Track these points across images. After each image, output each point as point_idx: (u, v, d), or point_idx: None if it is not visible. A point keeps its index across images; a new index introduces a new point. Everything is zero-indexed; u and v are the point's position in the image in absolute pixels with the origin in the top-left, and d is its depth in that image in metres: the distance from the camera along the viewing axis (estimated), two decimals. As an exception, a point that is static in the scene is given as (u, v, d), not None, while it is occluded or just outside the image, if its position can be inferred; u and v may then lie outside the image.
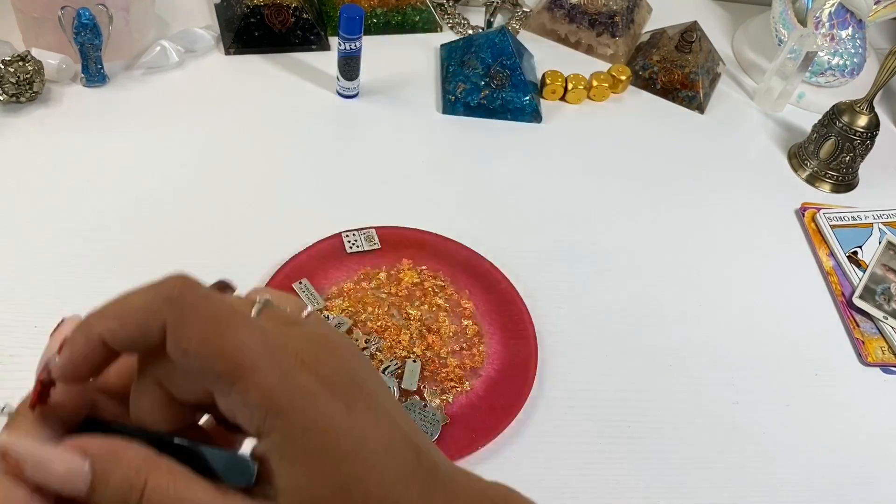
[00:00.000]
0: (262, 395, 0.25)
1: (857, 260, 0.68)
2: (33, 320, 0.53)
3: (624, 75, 0.80)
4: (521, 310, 0.58)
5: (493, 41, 0.74)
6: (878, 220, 0.72)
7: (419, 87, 0.77)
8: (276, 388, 0.25)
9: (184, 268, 0.62)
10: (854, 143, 0.73)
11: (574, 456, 0.52)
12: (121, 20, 0.70)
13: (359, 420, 0.26)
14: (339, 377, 0.26)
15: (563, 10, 0.84)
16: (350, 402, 0.26)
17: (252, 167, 0.66)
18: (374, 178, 0.68)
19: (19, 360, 0.51)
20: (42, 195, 0.61)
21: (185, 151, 0.67)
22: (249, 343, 0.26)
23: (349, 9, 0.67)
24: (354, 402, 0.26)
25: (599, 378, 0.56)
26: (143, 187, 0.63)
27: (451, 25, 0.85)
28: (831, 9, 0.82)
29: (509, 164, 0.71)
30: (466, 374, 0.54)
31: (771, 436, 0.55)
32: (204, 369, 0.25)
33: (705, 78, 0.82)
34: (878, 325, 0.64)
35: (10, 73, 0.64)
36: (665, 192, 0.72)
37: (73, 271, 0.56)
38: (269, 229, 0.61)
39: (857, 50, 0.83)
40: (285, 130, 0.70)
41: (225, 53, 0.76)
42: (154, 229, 0.60)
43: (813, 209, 0.72)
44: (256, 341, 0.26)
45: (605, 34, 0.84)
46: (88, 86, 0.70)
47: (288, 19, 0.76)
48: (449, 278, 0.60)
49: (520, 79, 0.74)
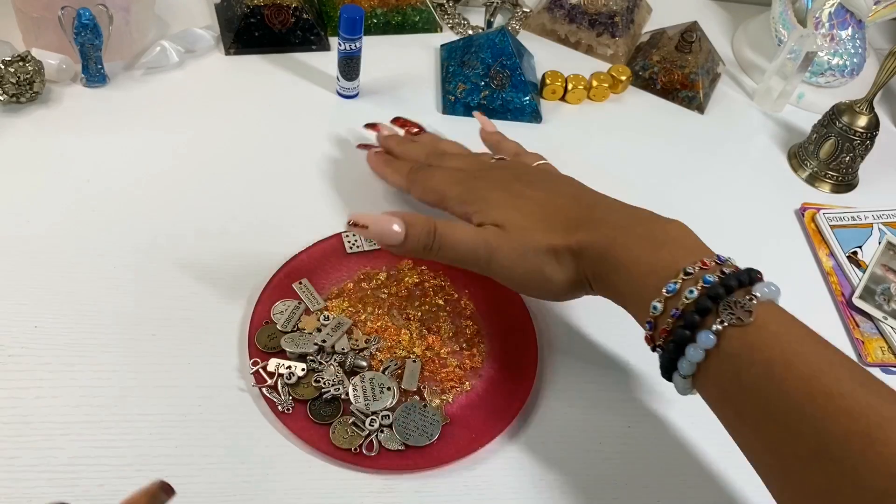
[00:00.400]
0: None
1: (857, 260, 0.68)
2: (33, 320, 0.53)
3: (624, 75, 0.80)
4: (521, 310, 0.58)
5: (493, 41, 0.74)
6: (878, 221, 0.72)
7: (419, 87, 0.77)
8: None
9: (183, 266, 0.63)
10: (854, 144, 0.73)
11: (574, 456, 0.52)
12: (121, 20, 0.70)
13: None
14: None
15: (563, 10, 0.84)
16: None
17: (252, 167, 0.66)
18: (374, 178, 0.68)
19: (19, 360, 0.51)
20: (42, 195, 0.61)
21: (185, 151, 0.67)
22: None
23: (349, 9, 0.67)
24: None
25: (600, 378, 0.56)
26: (144, 187, 0.63)
27: (451, 25, 0.85)
28: (831, 9, 0.82)
29: (509, 165, 0.71)
30: (466, 374, 0.54)
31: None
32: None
33: (705, 78, 0.82)
34: (877, 325, 0.64)
35: (11, 73, 0.64)
36: (665, 191, 0.72)
37: (72, 271, 0.56)
38: (269, 229, 0.62)
39: (856, 50, 0.83)
40: (285, 130, 0.70)
41: (225, 53, 0.76)
42: (154, 228, 0.60)
43: (813, 209, 0.72)
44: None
45: (605, 34, 0.84)
46: (89, 86, 0.70)
47: (288, 19, 0.76)
48: (449, 278, 0.60)
49: (520, 79, 0.74)
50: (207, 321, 0.55)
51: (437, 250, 0.51)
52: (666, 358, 0.44)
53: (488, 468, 0.51)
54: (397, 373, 0.53)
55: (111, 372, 0.51)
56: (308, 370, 0.52)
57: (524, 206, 0.52)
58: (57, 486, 0.45)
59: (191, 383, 0.51)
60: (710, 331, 0.42)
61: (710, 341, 0.42)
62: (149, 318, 0.54)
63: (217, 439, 0.49)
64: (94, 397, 0.50)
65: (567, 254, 0.50)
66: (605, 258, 0.48)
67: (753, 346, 0.41)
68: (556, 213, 0.52)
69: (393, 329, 0.56)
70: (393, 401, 0.52)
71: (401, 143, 0.65)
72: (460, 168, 0.59)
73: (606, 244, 0.48)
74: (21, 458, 0.46)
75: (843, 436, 0.37)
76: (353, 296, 0.57)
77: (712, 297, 0.42)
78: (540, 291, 0.52)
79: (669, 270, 0.45)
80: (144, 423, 0.49)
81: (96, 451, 0.47)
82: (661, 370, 0.46)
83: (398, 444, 0.50)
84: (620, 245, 0.47)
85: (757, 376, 0.40)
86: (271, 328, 0.54)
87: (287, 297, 0.56)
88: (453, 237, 0.51)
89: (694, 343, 0.42)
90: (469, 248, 0.51)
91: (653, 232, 0.48)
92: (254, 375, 0.52)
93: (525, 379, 0.54)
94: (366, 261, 0.60)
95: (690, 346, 0.43)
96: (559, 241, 0.50)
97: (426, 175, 0.59)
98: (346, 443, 0.49)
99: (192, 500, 0.46)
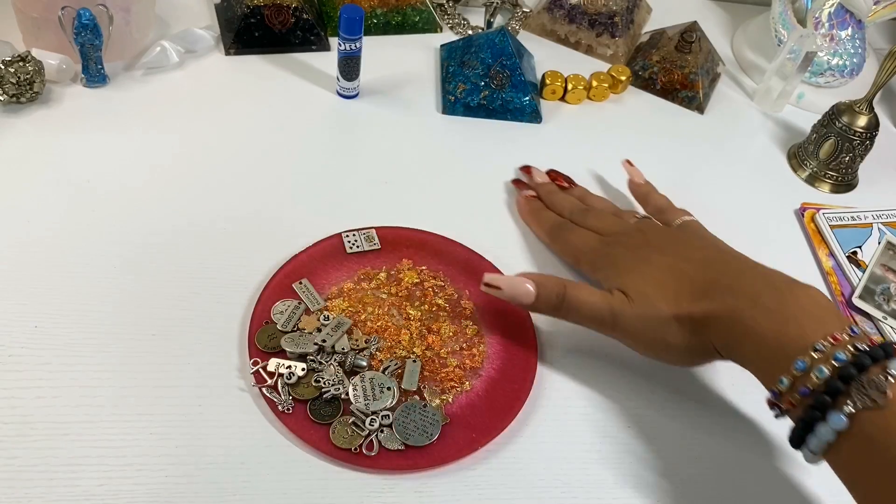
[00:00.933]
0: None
1: (857, 260, 0.68)
2: (33, 320, 0.53)
3: (624, 75, 0.80)
4: (521, 310, 0.58)
5: (493, 41, 0.74)
6: (878, 221, 0.72)
7: (419, 87, 0.77)
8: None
9: (183, 266, 0.63)
10: (854, 144, 0.73)
11: (574, 456, 0.52)
12: (121, 20, 0.70)
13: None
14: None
15: (562, 10, 0.84)
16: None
17: (252, 167, 0.66)
18: (374, 179, 0.68)
19: (19, 360, 0.51)
20: (42, 195, 0.61)
21: (185, 151, 0.67)
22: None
23: (349, 9, 0.67)
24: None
25: (600, 378, 0.56)
26: (143, 187, 0.63)
27: (451, 26, 0.85)
28: (831, 9, 0.82)
29: (509, 165, 0.71)
30: (466, 374, 0.54)
31: (771, 436, 0.55)
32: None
33: (705, 78, 0.82)
34: (877, 325, 0.64)
35: (11, 73, 0.64)
36: (664, 191, 0.72)
37: (72, 271, 0.56)
38: (269, 229, 0.62)
39: (856, 50, 0.83)
40: (285, 130, 0.70)
41: (225, 54, 0.76)
42: (154, 228, 0.60)
43: (812, 209, 0.72)
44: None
45: (605, 34, 0.84)
46: (89, 86, 0.70)
47: (288, 20, 0.76)
48: (449, 278, 0.60)
49: (520, 79, 0.74)
50: (207, 321, 0.55)
51: (565, 311, 0.53)
52: (795, 432, 0.44)
53: (488, 468, 0.51)
54: (397, 373, 0.53)
55: (111, 372, 0.51)
56: (308, 370, 0.52)
57: (651, 272, 0.53)
58: (57, 486, 0.45)
59: (191, 383, 0.51)
60: (841, 413, 0.41)
61: (841, 423, 0.41)
62: (149, 318, 0.54)
63: (217, 439, 0.49)
64: (94, 397, 0.50)
65: (691, 322, 0.49)
66: (731, 329, 0.47)
67: (889, 429, 0.40)
68: (682, 280, 0.51)
69: (393, 329, 0.56)
70: (393, 401, 0.52)
71: (550, 193, 0.66)
72: (599, 229, 0.60)
73: (733, 315, 0.47)
74: (21, 458, 0.46)
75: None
76: (353, 296, 0.57)
77: (844, 377, 0.41)
78: (667, 357, 0.53)
79: (798, 346, 0.43)
80: (144, 423, 0.49)
81: (96, 451, 0.47)
82: (790, 441, 0.45)
83: (398, 444, 0.50)
84: (748, 317, 0.46)
85: (892, 460, 0.39)
86: (271, 328, 0.54)
87: (287, 297, 0.56)
88: (579, 300, 0.53)
89: (825, 423, 0.41)
90: (595, 312, 0.52)
91: (782, 302, 0.46)
92: (254, 375, 0.52)
93: (525, 379, 0.54)
94: (366, 261, 0.60)
95: (821, 425, 0.42)
96: (683, 310, 0.50)
97: (566, 235, 0.61)
98: (346, 443, 0.49)
99: (192, 500, 0.46)
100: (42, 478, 0.46)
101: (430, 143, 0.72)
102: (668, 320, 0.50)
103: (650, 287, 0.52)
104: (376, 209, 0.65)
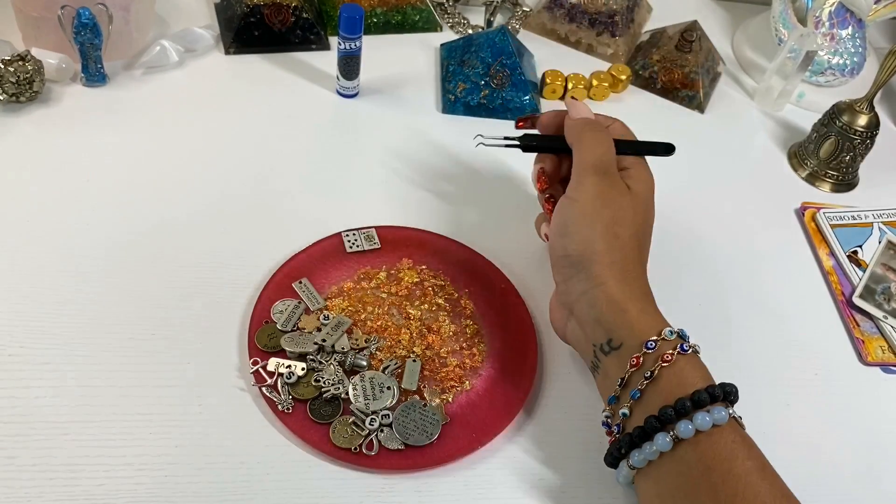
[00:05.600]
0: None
1: (857, 259, 0.68)
2: (33, 320, 0.53)
3: (624, 75, 0.80)
4: (521, 310, 0.58)
5: (493, 41, 0.74)
6: (878, 220, 0.72)
7: (419, 86, 0.77)
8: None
9: (183, 266, 0.62)
10: (854, 143, 0.73)
11: (574, 456, 0.52)
12: (121, 20, 0.70)
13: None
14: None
15: (563, 9, 0.84)
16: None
17: (252, 167, 0.66)
18: (374, 178, 0.68)
19: (19, 360, 0.51)
20: (42, 195, 0.61)
21: (184, 151, 0.67)
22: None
23: (349, 8, 0.67)
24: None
25: (599, 378, 0.56)
26: (143, 187, 0.63)
27: (451, 25, 0.85)
28: (831, 8, 0.82)
29: (509, 164, 0.71)
30: (466, 374, 0.54)
31: (771, 435, 0.55)
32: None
33: (705, 77, 0.82)
34: (878, 324, 0.64)
35: (10, 72, 0.64)
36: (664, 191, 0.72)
37: (72, 270, 0.56)
38: (269, 229, 0.62)
39: (857, 49, 0.83)
40: (285, 130, 0.70)
41: (225, 53, 0.76)
42: (154, 228, 0.60)
43: (813, 208, 0.72)
44: None
45: (605, 34, 0.84)
46: (88, 85, 0.70)
47: (288, 19, 0.76)
48: (449, 278, 0.60)
49: (520, 78, 0.74)
50: (207, 321, 0.55)
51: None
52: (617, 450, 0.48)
53: (488, 468, 0.51)
54: (397, 372, 0.53)
55: (111, 372, 0.51)
56: (308, 370, 0.52)
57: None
58: (57, 486, 0.45)
59: (191, 383, 0.51)
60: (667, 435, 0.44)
61: (666, 445, 0.44)
62: (149, 318, 0.54)
63: (217, 439, 0.49)
64: (94, 397, 0.50)
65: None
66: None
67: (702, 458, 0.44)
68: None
69: (393, 328, 0.56)
70: (393, 400, 0.52)
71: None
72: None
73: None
74: (21, 458, 0.46)
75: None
76: (353, 295, 0.57)
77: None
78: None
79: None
80: (144, 423, 0.49)
81: (96, 451, 0.47)
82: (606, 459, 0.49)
83: (398, 444, 0.50)
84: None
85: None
86: (271, 328, 0.54)
87: (287, 297, 0.56)
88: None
89: (650, 442, 0.45)
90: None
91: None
92: (254, 375, 0.52)
93: (525, 378, 0.54)
94: (366, 260, 0.60)
95: (646, 444, 0.45)
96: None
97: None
98: (346, 442, 0.49)
99: (192, 500, 0.46)
100: (42, 478, 0.46)
101: (430, 143, 0.72)
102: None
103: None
104: (376, 209, 0.65)
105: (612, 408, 0.48)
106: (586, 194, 0.51)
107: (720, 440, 0.44)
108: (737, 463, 0.43)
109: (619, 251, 0.50)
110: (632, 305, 0.48)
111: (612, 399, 0.48)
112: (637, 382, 0.46)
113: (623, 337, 0.48)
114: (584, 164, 0.52)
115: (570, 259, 0.51)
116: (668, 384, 0.45)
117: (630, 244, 0.51)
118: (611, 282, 0.49)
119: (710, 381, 0.46)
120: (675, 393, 0.45)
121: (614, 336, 0.48)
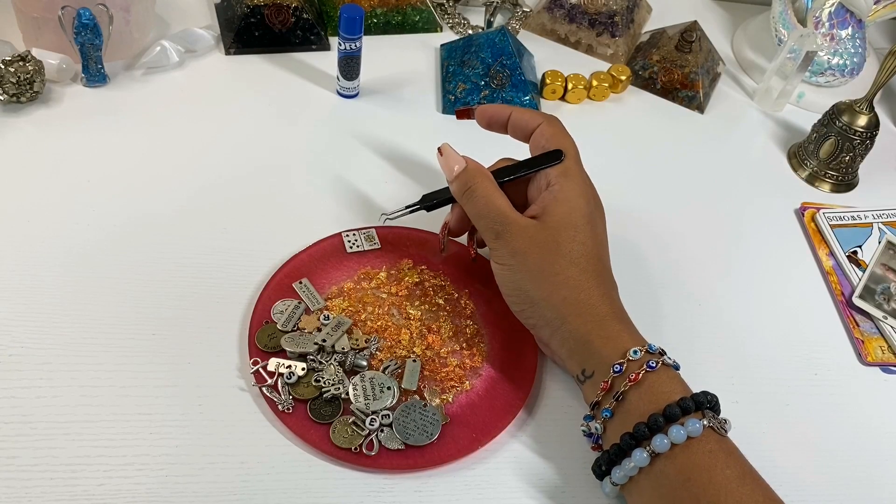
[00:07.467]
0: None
1: (857, 259, 0.68)
2: (33, 320, 0.53)
3: (624, 75, 0.80)
4: (521, 309, 0.58)
5: (493, 41, 0.74)
6: (878, 220, 0.72)
7: (419, 87, 0.77)
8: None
9: (183, 266, 0.62)
10: (854, 143, 0.73)
11: (574, 456, 0.52)
12: (121, 20, 0.70)
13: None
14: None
15: (563, 9, 0.84)
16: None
17: (251, 167, 0.66)
18: (374, 178, 0.68)
19: (19, 360, 0.51)
20: (42, 195, 0.61)
21: (184, 151, 0.67)
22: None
23: (349, 9, 0.67)
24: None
25: (599, 378, 0.56)
26: (143, 187, 0.63)
27: (451, 25, 0.85)
28: (831, 9, 0.82)
29: (509, 164, 0.71)
30: (466, 374, 0.54)
31: (770, 435, 0.55)
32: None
33: (705, 78, 0.82)
34: (877, 324, 0.64)
35: (11, 73, 0.64)
36: (664, 191, 0.72)
37: (72, 270, 0.56)
38: (269, 229, 0.62)
39: (856, 50, 0.83)
40: (285, 130, 0.70)
41: (225, 53, 0.76)
42: (154, 228, 0.60)
43: (813, 209, 0.72)
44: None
45: (605, 34, 0.84)
46: (89, 86, 0.70)
47: (288, 19, 0.76)
48: (449, 278, 0.60)
49: (520, 79, 0.74)
50: (207, 321, 0.55)
51: (465, 198, 0.55)
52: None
53: (488, 468, 0.51)
54: (397, 372, 0.53)
55: (111, 372, 0.51)
56: (308, 370, 0.52)
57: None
58: (57, 486, 0.45)
59: (191, 383, 0.51)
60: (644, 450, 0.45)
61: (643, 460, 0.45)
62: (149, 318, 0.54)
63: (217, 439, 0.49)
64: (94, 397, 0.50)
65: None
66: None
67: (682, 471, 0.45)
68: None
69: (393, 328, 0.56)
70: (393, 400, 0.52)
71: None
72: None
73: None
74: (21, 458, 0.46)
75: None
76: (353, 295, 0.57)
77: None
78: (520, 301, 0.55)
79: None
80: (144, 423, 0.49)
81: (96, 450, 0.47)
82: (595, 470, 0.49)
83: (398, 444, 0.50)
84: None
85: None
86: (271, 328, 0.54)
87: (287, 297, 0.56)
88: (484, 193, 0.54)
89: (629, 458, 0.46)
90: (489, 211, 0.54)
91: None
92: (254, 375, 0.52)
93: (525, 378, 0.54)
94: (366, 260, 0.60)
95: (626, 459, 0.46)
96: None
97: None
98: (346, 442, 0.49)
99: (192, 500, 0.46)
100: (42, 478, 0.46)
101: (430, 143, 0.72)
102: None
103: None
104: (376, 209, 0.65)
105: (588, 425, 0.50)
106: (502, 258, 0.53)
107: (698, 451, 0.44)
108: (716, 472, 0.43)
109: (564, 288, 0.51)
110: (594, 335, 0.49)
111: (588, 417, 0.50)
112: (607, 403, 0.47)
113: (594, 366, 0.49)
114: (484, 234, 0.54)
115: (524, 314, 0.53)
116: (640, 402, 0.46)
117: (573, 274, 0.51)
118: (569, 318, 0.50)
119: (685, 393, 0.47)
120: (648, 410, 0.45)
121: (587, 366, 0.50)
